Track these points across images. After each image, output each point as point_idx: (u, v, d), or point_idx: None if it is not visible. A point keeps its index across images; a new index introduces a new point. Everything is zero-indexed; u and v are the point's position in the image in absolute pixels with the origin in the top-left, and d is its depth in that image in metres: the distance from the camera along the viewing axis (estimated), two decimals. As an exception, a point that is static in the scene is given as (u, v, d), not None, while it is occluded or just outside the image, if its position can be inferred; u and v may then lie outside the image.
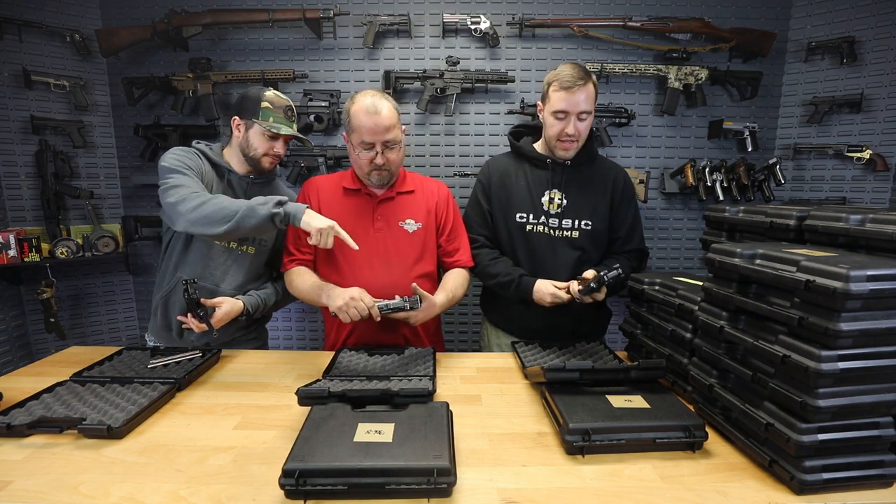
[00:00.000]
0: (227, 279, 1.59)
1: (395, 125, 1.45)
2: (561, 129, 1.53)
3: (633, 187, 1.72)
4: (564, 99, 1.49)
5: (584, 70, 1.51)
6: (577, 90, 1.48)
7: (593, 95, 1.52)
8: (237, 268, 1.60)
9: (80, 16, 2.41)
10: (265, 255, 1.66)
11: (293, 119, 1.60)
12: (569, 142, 1.55)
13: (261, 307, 1.60)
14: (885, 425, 0.84)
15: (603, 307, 1.74)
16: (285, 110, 1.56)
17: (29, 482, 0.87)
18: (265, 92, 1.55)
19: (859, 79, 2.35)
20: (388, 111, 1.43)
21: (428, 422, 0.95)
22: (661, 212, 2.62)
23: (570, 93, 1.48)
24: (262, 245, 1.64)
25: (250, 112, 1.53)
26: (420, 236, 1.57)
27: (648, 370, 1.13)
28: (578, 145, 1.58)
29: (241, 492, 0.85)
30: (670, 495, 0.84)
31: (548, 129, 1.58)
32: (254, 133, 1.54)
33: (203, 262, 1.57)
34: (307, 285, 1.50)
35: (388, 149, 1.46)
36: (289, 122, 1.58)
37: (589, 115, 1.53)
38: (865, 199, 2.41)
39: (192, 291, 1.37)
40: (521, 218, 1.63)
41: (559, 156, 1.60)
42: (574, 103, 1.49)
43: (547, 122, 1.58)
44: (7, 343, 2.37)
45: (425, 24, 2.44)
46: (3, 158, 2.35)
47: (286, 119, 1.56)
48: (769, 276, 0.89)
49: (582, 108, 1.50)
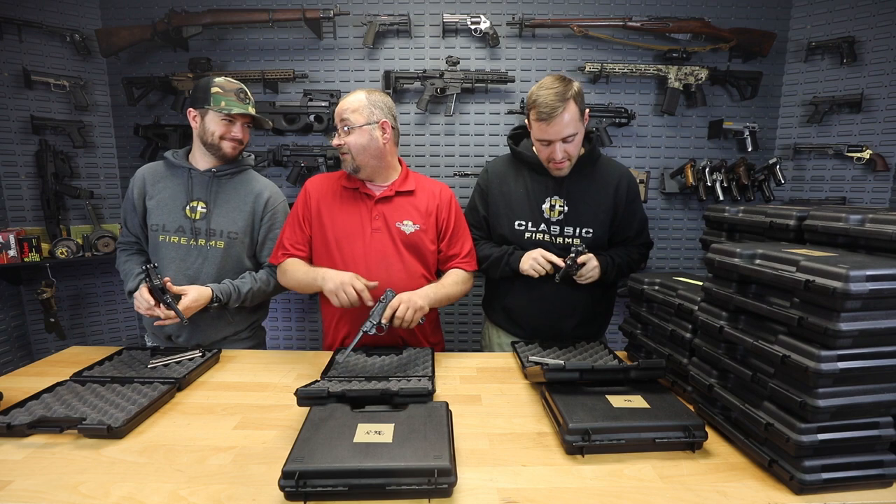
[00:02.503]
0: (201, 276, 1.60)
1: (356, 110, 1.46)
2: (548, 154, 1.51)
3: (637, 188, 1.67)
4: (544, 130, 1.45)
5: (563, 88, 1.41)
6: (555, 120, 1.41)
7: (575, 116, 1.43)
8: (210, 263, 1.61)
9: (80, 16, 2.41)
10: (239, 247, 1.64)
11: (248, 101, 1.60)
12: (559, 163, 1.51)
13: (233, 295, 1.57)
14: (885, 425, 0.84)
15: (603, 307, 1.74)
16: (237, 93, 1.57)
17: (29, 482, 0.87)
18: (215, 78, 1.57)
19: (859, 79, 2.35)
20: (354, 97, 1.48)
21: (428, 422, 0.95)
22: (661, 212, 2.62)
23: (549, 124, 1.42)
24: (231, 237, 1.62)
25: (202, 100, 1.55)
26: (418, 238, 1.56)
27: (648, 370, 1.13)
28: (571, 164, 1.54)
29: (241, 492, 0.85)
30: (670, 495, 0.84)
31: (537, 153, 1.55)
32: (209, 119, 1.56)
33: (176, 263, 1.60)
34: (301, 272, 1.51)
35: (346, 133, 1.47)
36: (242, 104, 1.58)
37: (575, 136, 1.46)
38: (865, 199, 2.41)
39: (155, 276, 1.38)
40: (521, 225, 1.61)
41: (555, 175, 1.57)
42: (556, 132, 1.43)
43: (535, 147, 1.55)
44: (7, 343, 2.37)
45: (425, 24, 2.44)
46: (3, 158, 2.35)
47: (238, 101, 1.57)
48: (769, 276, 0.89)
49: (565, 133, 1.44)
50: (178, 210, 1.59)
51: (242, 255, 1.65)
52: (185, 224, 1.59)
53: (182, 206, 1.60)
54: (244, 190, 1.65)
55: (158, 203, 1.60)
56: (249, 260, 1.69)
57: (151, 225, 1.61)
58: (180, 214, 1.59)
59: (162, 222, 1.60)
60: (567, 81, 1.44)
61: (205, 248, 1.60)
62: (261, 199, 1.65)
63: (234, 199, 1.63)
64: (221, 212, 1.61)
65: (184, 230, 1.59)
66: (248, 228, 1.64)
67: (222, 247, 1.61)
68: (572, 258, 1.46)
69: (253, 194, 1.65)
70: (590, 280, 1.54)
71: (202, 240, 1.60)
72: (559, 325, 1.63)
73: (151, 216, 1.61)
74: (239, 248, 1.64)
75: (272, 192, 1.68)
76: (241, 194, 1.64)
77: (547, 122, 1.42)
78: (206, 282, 1.58)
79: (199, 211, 1.60)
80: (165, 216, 1.59)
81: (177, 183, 1.62)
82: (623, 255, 1.62)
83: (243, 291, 1.59)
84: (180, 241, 1.59)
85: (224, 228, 1.61)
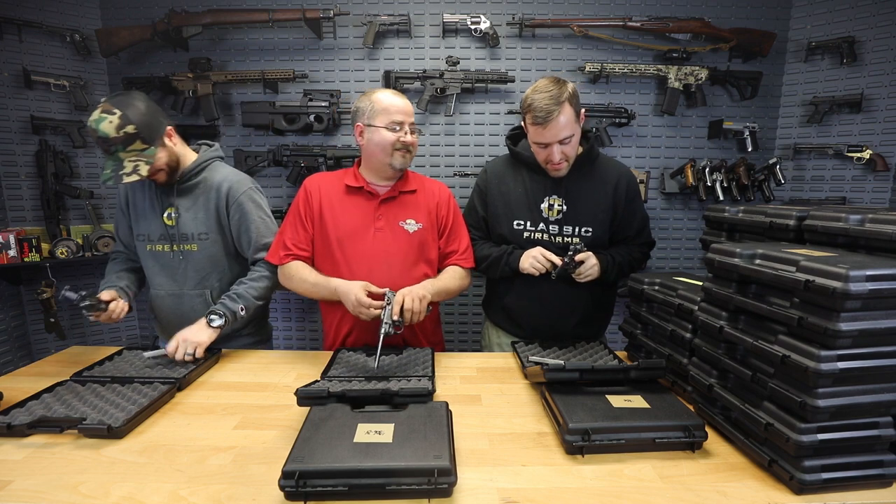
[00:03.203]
0: (187, 281, 1.61)
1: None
2: (545, 157, 1.51)
3: (637, 186, 1.67)
4: (540, 133, 1.45)
5: (558, 91, 1.41)
6: (551, 124, 1.41)
7: (571, 118, 1.43)
8: (190, 267, 1.60)
9: (80, 16, 2.41)
10: (213, 247, 1.60)
11: (113, 151, 1.41)
12: (557, 164, 1.51)
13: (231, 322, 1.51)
14: (885, 425, 0.84)
15: (603, 307, 1.74)
16: (100, 145, 1.41)
17: (29, 482, 0.87)
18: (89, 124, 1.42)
19: (859, 79, 2.35)
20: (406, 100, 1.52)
21: (428, 422, 0.95)
22: (661, 212, 2.62)
23: (545, 128, 1.42)
24: (202, 238, 1.59)
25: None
26: (420, 237, 1.56)
27: (648, 370, 1.13)
28: (569, 164, 1.54)
29: (241, 492, 0.85)
30: (670, 495, 0.84)
31: (534, 152, 1.55)
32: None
33: (164, 271, 1.62)
34: (310, 283, 1.51)
35: (412, 131, 1.51)
36: (111, 160, 1.42)
37: (572, 137, 1.46)
38: (865, 199, 2.41)
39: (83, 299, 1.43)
40: (519, 225, 1.61)
41: (553, 175, 1.57)
42: (552, 135, 1.44)
43: (533, 150, 1.55)
44: (7, 343, 2.37)
45: (425, 24, 2.44)
46: (3, 158, 2.35)
47: (106, 154, 1.42)
48: (769, 276, 0.89)
49: (561, 136, 1.44)
50: (157, 218, 1.58)
51: (219, 253, 1.62)
52: (164, 231, 1.59)
53: (159, 214, 1.58)
54: (206, 187, 1.59)
55: (141, 212, 1.61)
56: (229, 258, 1.64)
57: (137, 235, 1.62)
58: (160, 222, 1.58)
59: (147, 231, 1.60)
60: (561, 83, 1.44)
61: (180, 252, 1.60)
62: (221, 192, 1.57)
63: (199, 198, 1.59)
64: (188, 215, 1.58)
65: (165, 238, 1.59)
66: (217, 226, 1.60)
67: (196, 249, 1.59)
68: (570, 256, 1.46)
69: (213, 189, 1.58)
70: (589, 278, 1.53)
71: (175, 245, 1.59)
72: (559, 325, 1.63)
73: (137, 225, 1.62)
74: (213, 248, 1.61)
75: (231, 183, 1.59)
76: (205, 192, 1.59)
77: (543, 125, 1.43)
78: (190, 285, 1.60)
79: (174, 217, 1.57)
80: (148, 225, 1.60)
81: (152, 192, 1.59)
82: (624, 254, 1.62)
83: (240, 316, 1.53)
84: (163, 248, 1.60)
85: (193, 231, 1.58)
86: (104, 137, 1.38)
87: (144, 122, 1.42)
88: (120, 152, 1.41)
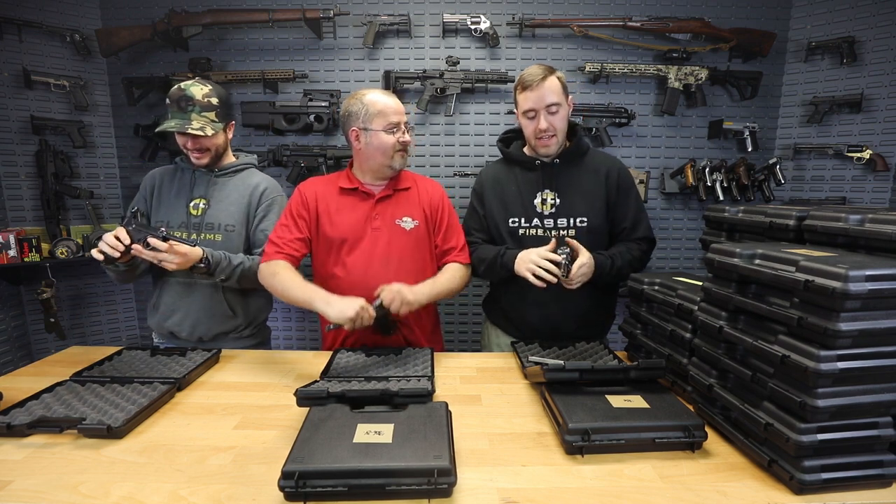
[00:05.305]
0: None
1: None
2: (534, 127, 1.54)
3: (630, 178, 1.66)
4: (529, 98, 1.51)
5: (547, 67, 1.53)
6: (538, 85, 1.49)
7: (558, 87, 1.51)
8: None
9: (80, 16, 2.41)
10: (237, 239, 1.64)
11: (189, 109, 1.54)
12: (546, 137, 1.54)
13: (223, 262, 1.53)
14: (884, 425, 0.84)
15: (604, 311, 1.73)
16: (178, 101, 1.55)
17: (29, 482, 0.87)
18: (172, 88, 1.57)
19: (859, 79, 2.35)
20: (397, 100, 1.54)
21: (427, 422, 0.95)
22: (661, 212, 2.62)
23: (532, 90, 1.50)
24: (229, 230, 1.63)
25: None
26: (417, 234, 1.57)
27: (648, 370, 1.13)
28: (558, 140, 1.56)
29: (241, 492, 0.85)
30: (670, 495, 0.84)
31: (524, 131, 1.60)
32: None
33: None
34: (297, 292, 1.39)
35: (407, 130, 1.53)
36: (181, 115, 1.54)
37: (559, 107, 1.52)
38: (865, 199, 2.41)
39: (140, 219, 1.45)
40: (514, 223, 1.62)
41: (542, 154, 1.60)
42: (539, 98, 1.50)
43: (522, 125, 1.60)
44: (7, 343, 2.37)
45: (425, 24, 2.45)
46: (3, 158, 2.35)
47: (179, 111, 1.55)
48: (768, 276, 0.89)
49: (548, 101, 1.50)
50: (181, 207, 1.64)
51: (240, 247, 1.66)
52: (186, 220, 1.63)
53: (185, 203, 1.64)
54: (243, 185, 1.67)
55: (165, 200, 1.66)
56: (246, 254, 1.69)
57: (155, 222, 1.65)
58: (184, 211, 1.64)
59: (166, 218, 1.63)
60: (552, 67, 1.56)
61: (201, 242, 1.61)
62: (257, 190, 1.67)
63: (233, 194, 1.65)
64: (220, 206, 1.63)
65: (185, 226, 1.63)
66: (244, 219, 1.66)
67: (220, 240, 1.62)
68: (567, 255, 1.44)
69: (251, 187, 1.67)
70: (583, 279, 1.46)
71: (197, 234, 1.62)
72: (559, 329, 1.62)
73: (157, 212, 1.65)
74: (237, 241, 1.65)
75: (269, 185, 1.70)
76: (240, 189, 1.66)
77: (531, 88, 1.50)
78: None
79: (201, 207, 1.63)
80: (171, 212, 1.64)
81: (182, 183, 1.67)
82: (623, 252, 1.61)
83: (234, 263, 1.55)
84: (182, 236, 1.59)
85: (221, 222, 1.63)
86: (189, 96, 1.54)
87: (226, 103, 1.63)
88: (194, 112, 1.54)
